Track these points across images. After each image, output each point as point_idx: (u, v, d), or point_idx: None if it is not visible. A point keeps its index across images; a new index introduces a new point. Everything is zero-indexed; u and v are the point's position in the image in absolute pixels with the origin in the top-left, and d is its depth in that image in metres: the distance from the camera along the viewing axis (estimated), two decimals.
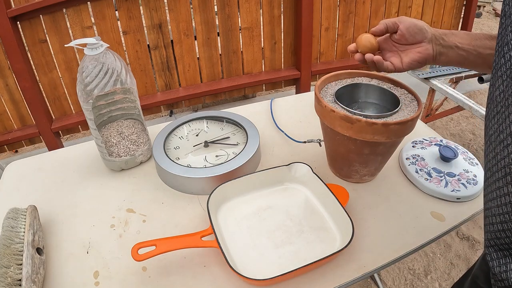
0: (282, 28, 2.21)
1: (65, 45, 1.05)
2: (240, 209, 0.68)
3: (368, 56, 0.59)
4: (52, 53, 1.85)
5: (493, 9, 4.40)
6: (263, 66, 2.32)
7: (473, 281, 0.47)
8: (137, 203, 0.73)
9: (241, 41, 2.17)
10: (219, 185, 0.67)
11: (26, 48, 1.81)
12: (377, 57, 0.59)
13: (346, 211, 0.61)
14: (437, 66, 1.94)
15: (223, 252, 0.55)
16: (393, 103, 0.68)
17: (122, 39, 1.94)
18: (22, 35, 1.78)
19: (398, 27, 0.57)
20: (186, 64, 2.12)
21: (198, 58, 2.14)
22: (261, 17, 2.14)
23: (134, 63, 2.01)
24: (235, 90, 2.27)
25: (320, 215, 0.67)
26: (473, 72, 1.93)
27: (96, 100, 0.71)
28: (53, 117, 2.03)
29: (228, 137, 0.84)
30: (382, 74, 0.75)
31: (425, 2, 2.42)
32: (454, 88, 1.81)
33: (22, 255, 0.55)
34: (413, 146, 0.81)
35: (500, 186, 0.34)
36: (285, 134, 0.90)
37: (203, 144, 0.82)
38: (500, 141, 0.33)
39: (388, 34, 0.61)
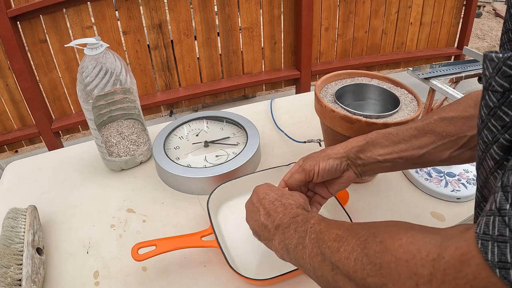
0: (282, 28, 2.21)
1: (65, 45, 1.05)
2: (240, 209, 0.68)
3: None
4: (52, 53, 1.85)
5: (493, 9, 4.40)
6: (263, 66, 2.32)
7: None
8: (137, 203, 0.73)
9: (241, 41, 2.17)
10: (219, 185, 0.67)
11: (26, 48, 1.81)
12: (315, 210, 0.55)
13: (346, 211, 0.61)
14: (437, 66, 1.94)
15: (223, 252, 0.55)
16: (393, 103, 0.68)
17: (122, 39, 1.94)
18: (22, 35, 1.78)
19: (311, 179, 0.52)
20: (186, 64, 2.12)
21: (198, 58, 2.14)
22: (261, 17, 2.14)
23: (134, 63, 2.01)
24: (235, 90, 2.27)
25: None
26: (473, 72, 1.93)
27: (96, 100, 0.71)
28: (53, 117, 2.03)
29: (228, 137, 0.84)
30: (382, 74, 0.75)
31: (425, 2, 2.42)
32: (454, 88, 1.81)
33: (22, 255, 0.55)
34: None
35: None
36: (285, 134, 0.90)
37: (203, 144, 0.82)
38: None
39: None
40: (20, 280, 0.52)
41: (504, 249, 0.21)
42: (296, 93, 2.45)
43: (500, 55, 0.23)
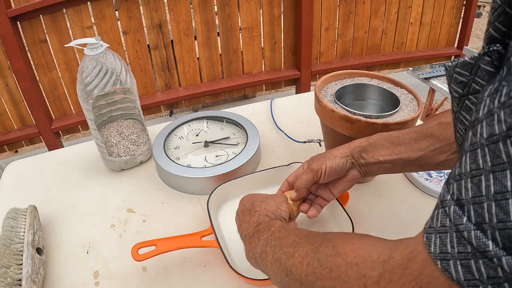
0: (282, 28, 2.21)
1: (65, 45, 1.05)
2: None
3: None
4: (52, 53, 1.85)
5: None
6: (263, 66, 2.32)
7: None
8: (137, 203, 0.73)
9: (241, 41, 2.17)
10: (219, 185, 0.67)
11: (26, 48, 1.81)
12: (314, 213, 0.56)
13: (346, 211, 0.61)
14: (437, 66, 1.94)
15: (223, 252, 0.55)
16: (393, 103, 0.68)
17: (122, 39, 1.94)
18: (22, 35, 1.78)
19: (318, 179, 0.53)
20: (186, 64, 2.12)
21: (198, 58, 2.14)
22: (261, 17, 2.14)
23: (134, 63, 2.01)
24: (235, 90, 2.27)
25: (320, 215, 0.67)
26: None
27: (96, 100, 0.71)
28: (53, 117, 2.03)
29: (228, 137, 0.84)
30: (382, 74, 0.75)
31: (425, 2, 2.42)
32: None
33: (22, 255, 0.55)
34: None
35: None
36: (285, 134, 0.90)
37: (203, 144, 0.82)
38: None
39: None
40: (20, 280, 0.52)
41: (445, 240, 0.21)
42: (296, 93, 2.45)
43: (450, 63, 0.24)
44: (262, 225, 0.45)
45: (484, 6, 4.35)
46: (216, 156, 0.79)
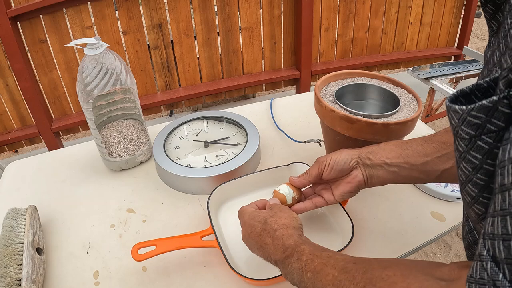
0: (282, 28, 2.21)
1: (65, 45, 1.05)
2: None
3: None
4: (52, 53, 1.85)
5: None
6: (263, 66, 2.32)
7: None
8: (137, 203, 0.73)
9: (241, 41, 2.17)
10: (219, 185, 0.67)
11: (26, 48, 1.81)
12: (301, 206, 0.57)
13: (346, 211, 0.61)
14: (437, 66, 1.94)
15: (223, 252, 0.55)
16: (393, 103, 0.68)
17: (122, 39, 1.94)
18: (22, 35, 1.78)
19: (323, 171, 0.54)
20: (186, 64, 2.12)
21: (198, 58, 2.14)
22: (261, 17, 2.14)
23: (134, 63, 2.01)
24: (235, 90, 2.27)
25: (320, 215, 0.67)
26: (473, 72, 1.93)
27: (96, 100, 0.71)
28: (53, 117, 2.03)
29: (228, 137, 0.84)
30: (382, 74, 0.75)
31: (425, 2, 2.42)
32: (454, 88, 1.81)
33: (22, 255, 0.55)
34: None
35: None
36: (285, 134, 0.90)
37: (203, 144, 0.82)
38: None
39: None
40: (20, 280, 0.52)
41: None
42: (296, 93, 2.45)
43: (464, 107, 0.25)
44: (289, 250, 0.45)
45: None
46: (216, 156, 0.79)
